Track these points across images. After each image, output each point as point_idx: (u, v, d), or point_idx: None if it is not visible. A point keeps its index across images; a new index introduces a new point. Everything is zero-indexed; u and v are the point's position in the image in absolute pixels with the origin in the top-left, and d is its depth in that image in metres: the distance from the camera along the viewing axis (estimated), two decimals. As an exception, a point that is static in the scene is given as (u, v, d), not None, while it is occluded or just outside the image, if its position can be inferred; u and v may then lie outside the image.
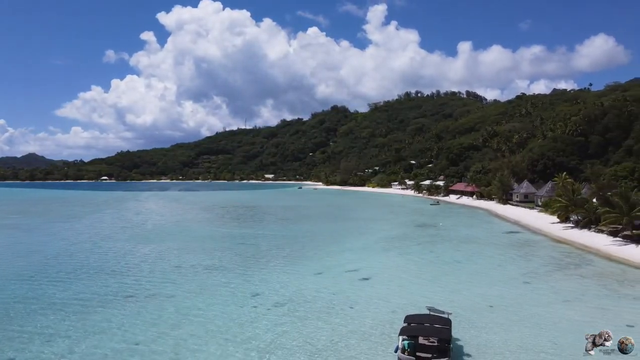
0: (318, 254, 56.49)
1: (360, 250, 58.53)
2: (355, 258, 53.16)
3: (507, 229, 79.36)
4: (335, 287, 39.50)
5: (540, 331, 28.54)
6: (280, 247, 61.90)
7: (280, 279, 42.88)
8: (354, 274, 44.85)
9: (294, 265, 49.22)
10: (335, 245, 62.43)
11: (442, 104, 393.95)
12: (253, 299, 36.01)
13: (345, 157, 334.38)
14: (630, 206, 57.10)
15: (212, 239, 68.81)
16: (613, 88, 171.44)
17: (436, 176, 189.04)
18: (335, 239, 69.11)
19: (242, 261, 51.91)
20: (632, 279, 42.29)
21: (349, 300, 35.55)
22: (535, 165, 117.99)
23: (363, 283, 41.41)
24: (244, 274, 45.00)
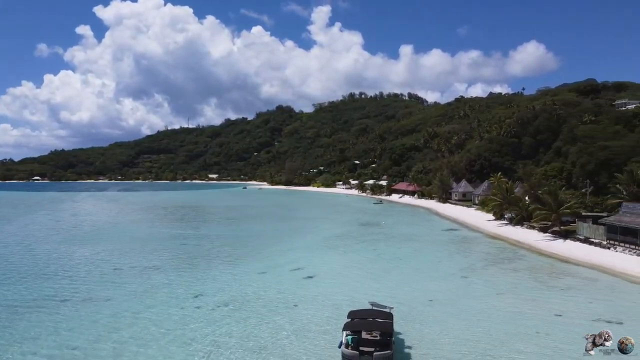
0: (262, 253, 56.22)
1: (305, 249, 58.79)
2: (299, 257, 53.33)
3: (446, 226, 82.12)
4: (279, 286, 39.51)
5: (476, 323, 29.78)
6: (224, 247, 61.13)
7: (224, 279, 42.38)
8: (298, 272, 45.01)
9: (238, 265, 48.76)
10: (279, 245, 62.35)
11: (385, 106, 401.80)
12: (195, 300, 35.38)
13: (290, 157, 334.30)
14: (558, 204, 60.66)
15: (153, 240, 66.92)
16: (544, 93, 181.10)
17: (379, 176, 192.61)
18: (279, 238, 69.03)
19: (184, 262, 50.87)
20: (559, 271, 44.96)
21: (293, 298, 35.66)
22: (473, 165, 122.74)
23: (307, 281, 41.65)
24: (186, 275, 44.12)
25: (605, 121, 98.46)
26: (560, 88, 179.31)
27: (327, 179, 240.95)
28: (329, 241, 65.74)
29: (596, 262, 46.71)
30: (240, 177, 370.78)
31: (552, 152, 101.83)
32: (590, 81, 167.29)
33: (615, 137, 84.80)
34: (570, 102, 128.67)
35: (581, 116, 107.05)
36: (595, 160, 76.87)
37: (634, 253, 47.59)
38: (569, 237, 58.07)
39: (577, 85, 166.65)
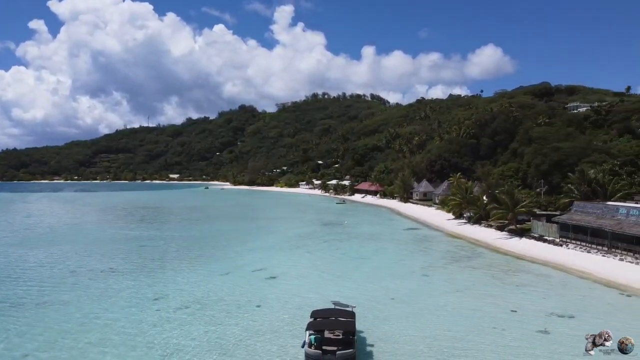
0: (225, 254, 55.78)
1: (268, 249, 58.64)
2: (262, 257, 53.16)
3: (407, 225, 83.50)
4: (243, 287, 39.33)
5: (436, 319, 30.53)
6: (186, 248, 60.30)
7: (186, 281, 41.83)
8: (261, 272, 44.89)
9: (201, 266, 48.21)
10: (243, 245, 61.96)
11: (348, 106, 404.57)
12: (156, 303, 34.79)
13: (253, 157, 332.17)
14: (514, 203, 62.69)
15: (112, 242, 65.26)
16: (501, 95, 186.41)
17: (342, 176, 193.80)
18: (242, 238, 68.56)
19: (145, 264, 49.87)
20: (515, 268, 46.53)
21: (256, 298, 35.57)
22: (433, 165, 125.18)
23: (271, 281, 41.60)
24: (146, 277, 43.29)
25: (559, 123, 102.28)
26: (516, 91, 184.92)
27: (290, 179, 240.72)
28: (292, 241, 65.79)
29: (549, 259, 48.59)
30: (203, 177, 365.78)
31: (509, 153, 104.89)
32: (545, 84, 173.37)
33: (567, 138, 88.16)
34: (525, 105, 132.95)
35: (536, 118, 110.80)
36: (549, 160, 79.75)
37: (584, 250, 49.74)
38: (525, 235, 60.11)
39: (532, 88, 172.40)
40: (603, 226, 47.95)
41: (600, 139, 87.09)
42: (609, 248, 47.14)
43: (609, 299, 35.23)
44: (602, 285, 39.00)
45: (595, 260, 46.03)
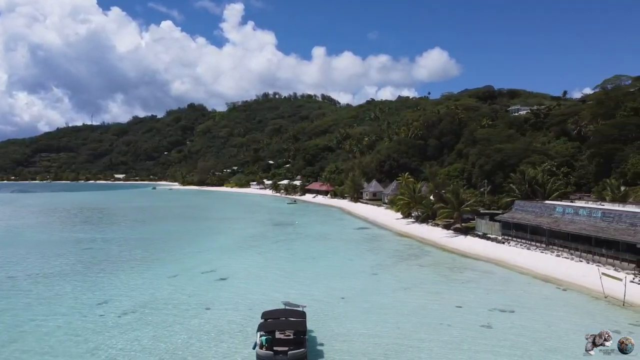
0: (173, 256, 54.58)
1: (218, 251, 57.90)
2: (212, 258, 52.46)
3: (358, 225, 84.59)
4: (191, 289, 38.67)
5: (385, 317, 31.14)
6: (132, 250, 58.58)
7: (132, 284, 40.66)
8: (211, 274, 44.28)
9: (147, 269, 46.98)
10: (191, 247, 60.86)
11: (299, 106, 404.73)
12: (100, 308, 33.63)
13: (203, 157, 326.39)
14: (460, 202, 64.78)
15: (53, 245, 62.49)
16: (447, 97, 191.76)
17: (293, 176, 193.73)
18: (191, 240, 67.34)
19: (88, 268, 48.07)
20: (460, 266, 48.14)
21: (205, 301, 35.06)
22: (383, 165, 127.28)
23: (220, 283, 41.11)
24: (90, 282, 41.75)
25: (501, 125, 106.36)
26: (461, 93, 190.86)
27: (240, 179, 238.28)
28: (243, 242, 65.24)
29: (492, 257, 50.58)
30: (150, 177, 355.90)
31: (455, 154, 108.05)
32: (488, 88, 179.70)
33: (509, 140, 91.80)
34: (470, 107, 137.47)
35: (480, 120, 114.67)
36: (492, 161, 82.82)
37: (525, 247, 52.09)
38: (469, 233, 62.27)
39: (476, 91, 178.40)
40: (541, 224, 50.38)
41: (539, 141, 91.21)
42: (546, 245, 49.59)
43: (547, 294, 37.08)
44: (540, 281, 40.98)
45: (535, 256, 48.32)
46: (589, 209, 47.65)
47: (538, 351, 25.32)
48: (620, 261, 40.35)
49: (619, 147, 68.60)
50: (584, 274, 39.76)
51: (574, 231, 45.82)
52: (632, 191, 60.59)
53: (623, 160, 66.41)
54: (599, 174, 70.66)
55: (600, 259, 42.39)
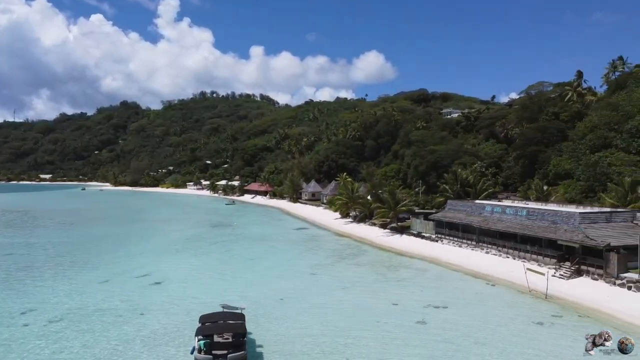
0: (104, 260, 52.34)
1: (152, 254, 56.09)
2: (146, 262, 50.76)
3: (297, 225, 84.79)
4: (124, 295, 37.23)
5: (324, 316, 31.43)
6: (60, 255, 55.61)
7: (59, 291, 38.58)
8: (145, 278, 42.86)
9: (76, 274, 44.76)
10: (124, 250, 58.65)
11: (237, 106, 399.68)
12: (24, 317, 31.67)
13: (136, 156, 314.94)
14: (396, 202, 66.49)
15: (-31, 251, 58.11)
16: (384, 99, 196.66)
17: (232, 176, 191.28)
18: (124, 243, 64.86)
19: (11, 274, 45.14)
20: (396, 264, 49.44)
21: (139, 306, 33.87)
22: (321, 166, 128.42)
23: (155, 287, 39.87)
24: (12, 289, 39.25)
25: (434, 127, 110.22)
26: (397, 96, 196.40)
27: (177, 179, 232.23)
28: (179, 244, 63.64)
29: (427, 255, 52.36)
30: (79, 178, 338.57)
31: (391, 155, 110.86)
32: (422, 91, 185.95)
33: (442, 142, 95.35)
34: (406, 109, 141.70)
35: (415, 122, 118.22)
36: (426, 162, 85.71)
37: (457, 245, 54.31)
38: (405, 232, 64.07)
39: (411, 94, 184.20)
40: (472, 223, 52.69)
41: (470, 143, 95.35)
42: (477, 242, 51.92)
43: (477, 289, 38.86)
44: (471, 277, 42.89)
45: (466, 253, 50.53)
46: (515, 207, 50.35)
47: (470, 344, 26.48)
48: (543, 257, 42.94)
49: (542, 149, 73.01)
50: (511, 269, 42.01)
51: (501, 229, 48.24)
52: (553, 191, 64.66)
53: (545, 162, 70.71)
54: (524, 175, 74.89)
55: (525, 255, 44.91)
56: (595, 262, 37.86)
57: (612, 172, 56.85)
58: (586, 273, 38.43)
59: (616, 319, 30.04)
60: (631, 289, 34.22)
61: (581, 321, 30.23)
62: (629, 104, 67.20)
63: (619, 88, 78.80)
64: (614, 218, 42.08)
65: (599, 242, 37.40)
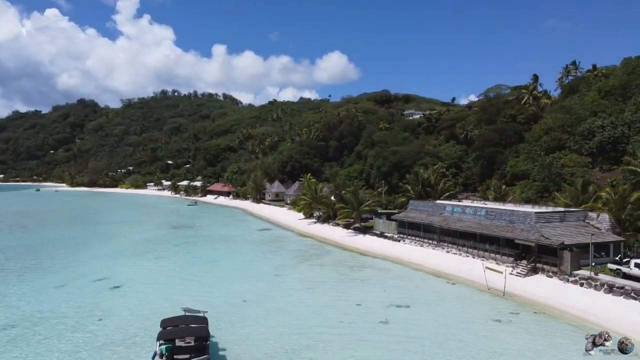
0: (60, 264, 50.62)
1: (112, 257, 54.63)
2: (105, 265, 49.41)
3: (260, 226, 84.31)
4: (81, 300, 36.12)
5: (287, 318, 31.39)
6: (13, 258, 53.48)
7: (12, 296, 37.12)
8: (103, 282, 41.71)
9: (31, 278, 43.17)
10: (82, 253, 56.89)
11: (200, 105, 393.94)
12: (-26, 324, 30.35)
13: (94, 156, 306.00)
14: (359, 202, 67.06)
15: None
16: (347, 100, 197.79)
17: (194, 176, 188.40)
18: (81, 245, 62.93)
19: (-41, 280, 43.10)
20: (360, 264, 49.86)
21: (98, 311, 32.95)
22: (285, 166, 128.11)
23: (114, 292, 38.87)
24: (-39, 295, 37.48)
25: (397, 128, 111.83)
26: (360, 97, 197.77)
27: (137, 179, 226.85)
28: (139, 246, 62.22)
29: (389, 254, 53.03)
30: (33, 178, 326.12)
31: (354, 155, 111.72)
32: (385, 92, 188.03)
33: (404, 142, 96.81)
34: (369, 110, 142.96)
35: (378, 123, 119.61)
36: (388, 163, 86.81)
37: (418, 244, 55.22)
38: (368, 232, 64.69)
39: (374, 95, 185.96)
40: (433, 222, 53.70)
41: (431, 144, 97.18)
42: (438, 242, 52.95)
43: (438, 288, 39.65)
44: (433, 276, 43.71)
45: (427, 253, 51.44)
46: (474, 207, 51.60)
47: (431, 342, 26.99)
48: (501, 255, 44.20)
49: (500, 150, 75.13)
50: (471, 268, 43.07)
51: (461, 229, 49.37)
52: (510, 191, 66.58)
53: (503, 163, 72.79)
54: (483, 175, 76.89)
55: (484, 254, 46.10)
56: (550, 260, 39.27)
57: (565, 172, 59.04)
58: (542, 271, 39.79)
59: (569, 315, 31.27)
60: (583, 285, 35.63)
61: (537, 317, 31.32)
62: (581, 107, 70.08)
63: (572, 92, 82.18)
64: (567, 217, 43.69)
65: (554, 241, 38.79)
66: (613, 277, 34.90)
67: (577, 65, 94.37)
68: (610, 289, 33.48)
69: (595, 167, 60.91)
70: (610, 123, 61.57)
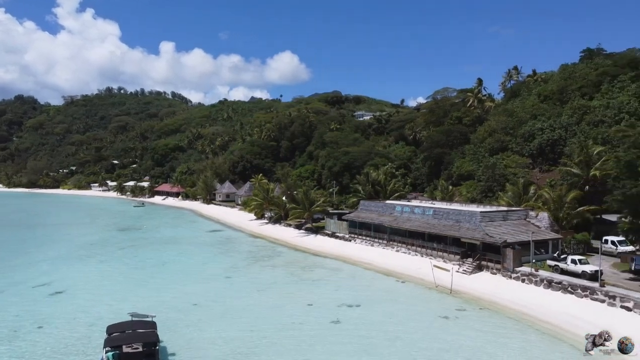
0: (-3, 269, 48.03)
1: (53, 261, 52.29)
2: (46, 270, 47.27)
3: (210, 227, 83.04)
4: (20, 306, 34.41)
5: (239, 321, 31.11)
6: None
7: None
8: (44, 288, 39.87)
9: (-37, 287, 40.70)
10: (21, 258, 54.14)
11: (147, 103, 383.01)
12: None
13: (34, 155, 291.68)
14: (310, 202, 67.33)
15: None
16: (298, 101, 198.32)
17: (141, 177, 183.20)
18: (21, 250, 59.88)
19: None
20: (311, 264, 50.07)
21: (38, 319, 31.47)
22: (236, 166, 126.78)
23: (56, 298, 37.23)
24: None
25: (348, 129, 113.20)
26: (312, 97, 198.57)
27: (80, 180, 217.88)
28: (83, 250, 59.83)
29: (341, 254, 53.55)
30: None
31: (306, 155, 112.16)
32: (336, 93, 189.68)
33: (355, 143, 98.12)
34: (320, 111, 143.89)
35: (329, 124, 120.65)
36: (339, 163, 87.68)
37: (369, 244, 56.04)
38: (320, 232, 65.06)
39: (325, 95, 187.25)
40: (383, 222, 54.64)
41: (381, 145, 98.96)
42: (388, 241, 53.92)
43: (388, 286, 40.42)
44: (383, 275, 44.49)
45: (378, 252, 52.31)
46: (422, 207, 52.89)
47: (381, 340, 27.49)
48: (448, 254, 45.56)
49: (447, 151, 77.41)
50: (419, 266, 44.15)
51: (410, 228, 50.49)
52: (457, 191, 68.72)
53: (450, 163, 75.03)
54: (431, 175, 79.00)
55: (432, 252, 47.35)
56: (494, 257, 40.84)
57: (508, 173, 61.56)
58: (486, 268, 41.32)
59: (511, 310, 32.65)
60: (524, 281, 37.30)
61: (482, 313, 32.53)
62: (522, 110, 73.28)
63: (514, 96, 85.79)
64: (509, 216, 45.59)
65: (497, 239, 40.38)
66: (551, 273, 36.73)
67: (518, 70, 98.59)
68: (549, 284, 35.22)
69: (536, 168, 63.82)
70: (549, 126, 64.68)
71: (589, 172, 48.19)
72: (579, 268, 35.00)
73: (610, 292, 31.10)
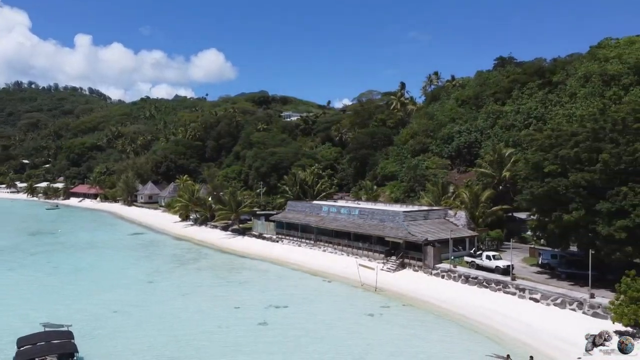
0: None
1: (-46, 270, 48.02)
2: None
3: (132, 230, 79.77)
4: None
5: (163, 327, 30.18)
6: None
7: None
8: (-57, 300, 36.54)
9: None
10: None
11: (62, 99, 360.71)
12: None
13: None
14: (237, 203, 66.60)
15: None
16: (225, 100, 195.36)
17: (55, 177, 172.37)
18: None
19: None
20: (238, 266, 49.59)
21: (-64, 334, 28.79)
22: (159, 167, 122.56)
23: (-42, 310, 34.24)
24: None
25: (275, 130, 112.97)
26: (238, 97, 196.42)
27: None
28: (-11, 257, 55.41)
29: (268, 255, 53.48)
30: None
31: (232, 156, 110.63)
32: (263, 93, 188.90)
33: (282, 144, 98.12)
34: (247, 111, 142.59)
35: (256, 124, 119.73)
36: (267, 164, 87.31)
37: (296, 244, 56.34)
38: (247, 233, 64.51)
39: (252, 95, 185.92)
40: (310, 222, 55.16)
41: (308, 146, 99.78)
42: (315, 241, 54.50)
43: (315, 286, 40.90)
44: (310, 275, 44.94)
45: (305, 252, 52.77)
46: (348, 207, 53.99)
47: (308, 340, 27.80)
48: (373, 252, 46.83)
49: (372, 152, 79.50)
50: (346, 265, 45.03)
51: (337, 228, 51.37)
52: (381, 191, 70.76)
53: (375, 164, 77.12)
54: (356, 176, 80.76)
55: (358, 251, 48.46)
56: (416, 255, 42.54)
57: (429, 174, 64.28)
58: (409, 266, 42.92)
59: (432, 305, 34.20)
60: (444, 277, 39.17)
61: (405, 309, 33.78)
62: (441, 114, 76.79)
63: (434, 99, 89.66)
64: (430, 215, 47.69)
65: (419, 238, 42.10)
66: (468, 268, 38.84)
67: (438, 75, 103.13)
68: (467, 279, 37.24)
69: (454, 169, 67.14)
70: (466, 129, 68.29)
71: (501, 173, 51.45)
72: (493, 263, 37.32)
73: (520, 286, 33.44)
